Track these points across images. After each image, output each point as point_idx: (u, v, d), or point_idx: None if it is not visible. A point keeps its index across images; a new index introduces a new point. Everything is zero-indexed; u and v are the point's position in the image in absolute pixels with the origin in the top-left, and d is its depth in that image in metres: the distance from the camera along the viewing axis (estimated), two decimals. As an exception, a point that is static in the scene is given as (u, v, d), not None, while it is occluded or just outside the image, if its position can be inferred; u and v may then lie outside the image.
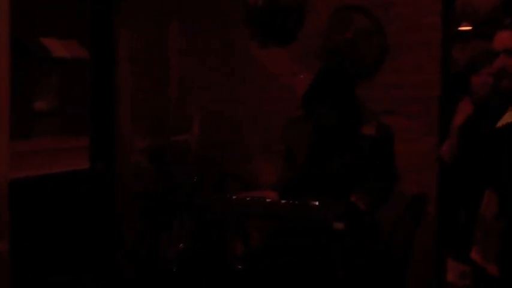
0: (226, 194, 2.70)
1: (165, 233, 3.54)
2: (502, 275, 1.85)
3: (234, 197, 2.58)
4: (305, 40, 3.74)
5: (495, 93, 2.03)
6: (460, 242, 2.15)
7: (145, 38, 4.05)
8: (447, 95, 3.40)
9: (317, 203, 2.31)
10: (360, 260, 2.50)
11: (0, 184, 2.75)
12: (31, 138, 3.58)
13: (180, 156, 3.76)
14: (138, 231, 3.70)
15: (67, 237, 3.40)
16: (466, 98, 2.18)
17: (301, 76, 3.66)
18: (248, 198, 2.55)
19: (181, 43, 4.15)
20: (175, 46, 4.15)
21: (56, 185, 3.41)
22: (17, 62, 3.02)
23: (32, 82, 3.68)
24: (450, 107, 3.31)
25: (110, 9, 3.73)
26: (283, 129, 2.92)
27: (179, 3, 4.11)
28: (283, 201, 2.43)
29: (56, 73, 3.85)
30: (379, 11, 3.50)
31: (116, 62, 3.75)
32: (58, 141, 3.72)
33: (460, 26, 5.10)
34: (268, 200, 2.50)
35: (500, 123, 1.96)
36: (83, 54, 3.80)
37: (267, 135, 3.85)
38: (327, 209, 2.30)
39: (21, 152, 3.20)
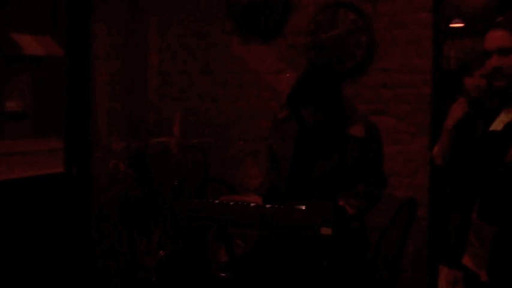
0: (208, 199, 2.66)
1: (144, 240, 3.50)
2: (492, 283, 1.86)
3: (216, 202, 2.55)
4: (290, 36, 3.73)
5: (489, 94, 2.03)
6: (453, 247, 2.15)
7: (124, 34, 4.01)
8: (439, 94, 3.41)
9: (303, 208, 2.30)
10: (349, 267, 2.48)
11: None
12: (2, 140, 3.53)
13: (160, 159, 3.73)
14: (115, 238, 3.66)
15: (40, 246, 3.36)
16: (460, 99, 2.17)
17: (287, 75, 3.65)
18: (231, 203, 2.52)
19: (161, 41, 4.12)
20: (154, 44, 4.13)
21: (28, 190, 3.37)
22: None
23: (2, 81, 3.63)
24: (442, 106, 3.32)
25: (87, 4, 3.69)
26: (270, 130, 2.90)
27: (159, 1, 4.09)
28: (267, 206, 2.40)
29: (28, 71, 3.80)
30: (367, 7, 3.50)
31: (92, 60, 3.71)
32: (31, 143, 3.69)
33: (451, 23, 5.14)
34: (252, 205, 2.47)
35: (492, 127, 1.96)
36: (57, 52, 3.76)
37: (253, 136, 3.83)
38: (313, 214, 2.29)
39: (-9, 155, 3.16)
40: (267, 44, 3.79)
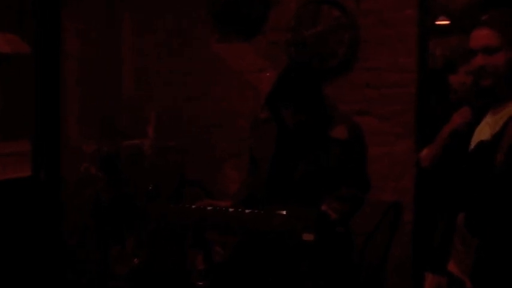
0: (185, 204, 2.64)
1: (117, 247, 3.47)
2: None
3: (193, 207, 2.53)
4: (271, 34, 3.73)
5: (475, 92, 2.05)
6: (438, 252, 2.16)
7: (96, 32, 3.98)
8: (425, 93, 3.42)
9: (284, 212, 2.29)
10: (332, 274, 2.48)
11: None
12: (-35, 142, 3.48)
13: (133, 162, 3.70)
14: (87, 245, 3.62)
15: (7, 254, 3.31)
16: (464, 108, 2.18)
17: (267, 74, 3.64)
18: (209, 208, 2.50)
19: (136, 38, 4.09)
20: (129, 42, 4.10)
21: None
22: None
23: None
24: (429, 106, 3.34)
25: (57, 0, 3.66)
26: (249, 132, 2.89)
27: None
28: (247, 211, 2.39)
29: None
30: (350, 4, 3.51)
31: (62, 58, 3.68)
32: (-4, 146, 3.63)
33: (437, 20, 5.18)
34: (231, 210, 2.46)
35: (478, 132, 1.97)
36: (25, 50, 3.72)
37: (233, 138, 3.81)
38: (295, 219, 2.28)
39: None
40: (248, 41, 3.78)
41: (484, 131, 1.97)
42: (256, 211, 2.36)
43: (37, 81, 3.59)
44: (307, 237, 2.25)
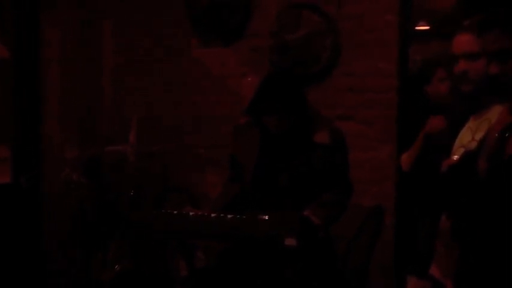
0: (167, 210, 2.62)
1: (99, 254, 3.44)
2: None
3: (175, 212, 2.51)
4: (252, 39, 3.73)
5: (457, 98, 2.06)
6: (421, 256, 2.17)
7: (76, 37, 3.95)
8: (406, 99, 3.44)
9: (266, 218, 2.28)
10: (315, 279, 2.48)
11: None
12: None
13: (116, 168, 3.67)
14: (69, 252, 3.58)
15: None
16: (439, 117, 2.20)
17: (249, 79, 3.64)
18: (191, 214, 2.49)
19: (116, 44, 4.07)
20: (109, 47, 4.08)
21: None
22: None
23: None
24: (408, 111, 3.36)
25: (36, 5, 3.63)
26: (231, 137, 2.88)
27: (113, 3, 4.03)
28: (229, 216, 2.38)
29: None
30: (331, 9, 3.52)
31: (42, 63, 3.65)
32: (-25, 152, 3.58)
33: (417, 26, 5.23)
34: (213, 215, 2.44)
35: (455, 146, 1.98)
36: (4, 54, 3.68)
37: (215, 143, 3.80)
38: (277, 224, 2.27)
39: None
40: (229, 46, 3.78)
41: (465, 136, 1.98)
42: (238, 216, 2.34)
43: (17, 85, 3.55)
44: (290, 241, 2.24)
